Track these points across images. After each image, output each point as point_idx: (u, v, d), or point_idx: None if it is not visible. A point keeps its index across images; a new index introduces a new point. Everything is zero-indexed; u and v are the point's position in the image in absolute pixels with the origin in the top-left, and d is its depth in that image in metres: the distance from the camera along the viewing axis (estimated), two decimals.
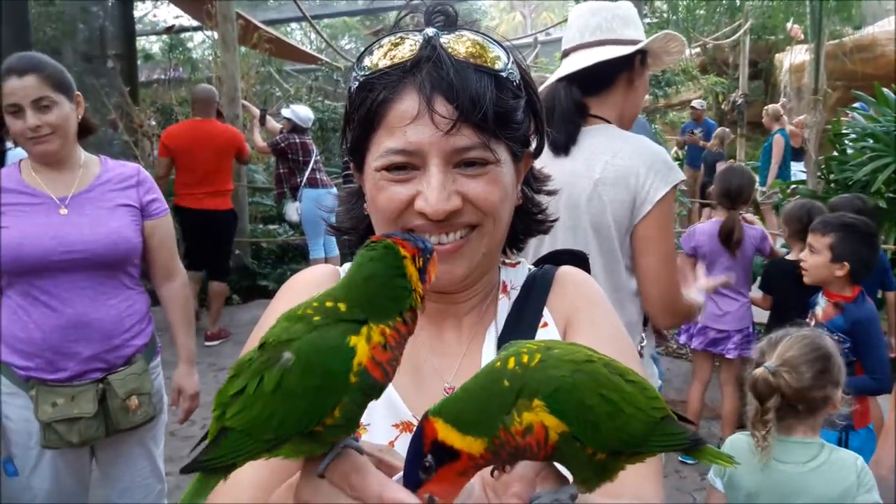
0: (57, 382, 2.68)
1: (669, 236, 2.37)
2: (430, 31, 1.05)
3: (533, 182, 1.25)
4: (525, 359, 0.75)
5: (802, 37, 15.34)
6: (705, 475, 2.73)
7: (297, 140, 8.54)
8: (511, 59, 1.08)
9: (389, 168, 1.06)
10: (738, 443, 2.66)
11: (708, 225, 5.23)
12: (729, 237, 4.96)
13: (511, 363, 0.75)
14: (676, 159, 16.26)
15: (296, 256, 9.92)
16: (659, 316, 2.42)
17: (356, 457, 0.74)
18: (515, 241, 1.26)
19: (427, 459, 0.73)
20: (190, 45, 20.50)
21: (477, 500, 0.78)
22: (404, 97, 1.03)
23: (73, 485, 2.84)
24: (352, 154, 1.15)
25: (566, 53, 2.55)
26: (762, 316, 5.21)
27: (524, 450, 0.73)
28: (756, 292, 5.29)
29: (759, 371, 2.58)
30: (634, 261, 2.39)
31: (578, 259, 1.39)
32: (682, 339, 5.38)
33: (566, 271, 1.27)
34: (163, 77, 16.39)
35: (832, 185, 7.64)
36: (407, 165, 1.05)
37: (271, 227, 10.64)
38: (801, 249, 4.75)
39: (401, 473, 0.76)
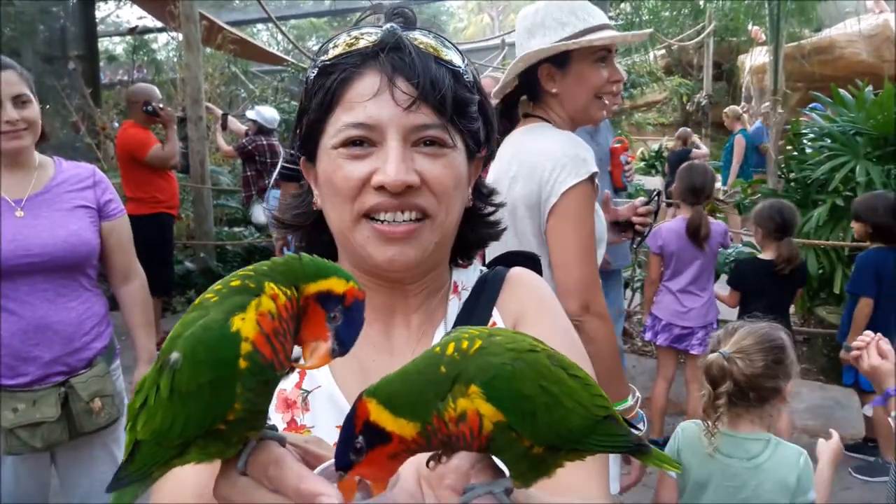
0: (18, 388, 2.63)
1: (580, 228, 2.40)
2: (392, 24, 1.08)
3: (483, 189, 1.26)
4: (465, 345, 0.73)
5: (764, 38, 15.63)
6: None
7: (265, 142, 8.49)
8: (465, 61, 1.11)
9: (346, 143, 1.06)
10: (689, 430, 2.73)
11: (673, 223, 5.30)
12: (696, 232, 5.04)
13: (450, 349, 0.73)
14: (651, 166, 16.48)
15: (262, 259, 9.81)
16: (573, 309, 2.38)
17: (274, 448, 0.73)
18: (466, 249, 1.26)
19: (358, 441, 0.71)
20: (154, 46, 20.24)
21: (408, 492, 0.76)
22: (365, 77, 1.05)
23: (34, 490, 2.80)
24: (304, 144, 1.15)
25: None
26: (729, 314, 5.31)
27: (457, 438, 0.72)
28: (722, 288, 5.40)
29: (713, 356, 2.64)
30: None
31: (530, 260, 1.40)
32: (648, 336, 5.45)
33: (517, 272, 1.28)
34: (126, 78, 16.16)
35: (792, 183, 7.80)
36: (364, 141, 1.06)
37: (237, 229, 10.54)
38: (775, 249, 4.94)
39: (326, 464, 0.75)
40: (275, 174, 8.41)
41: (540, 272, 1.37)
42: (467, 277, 1.27)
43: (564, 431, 0.73)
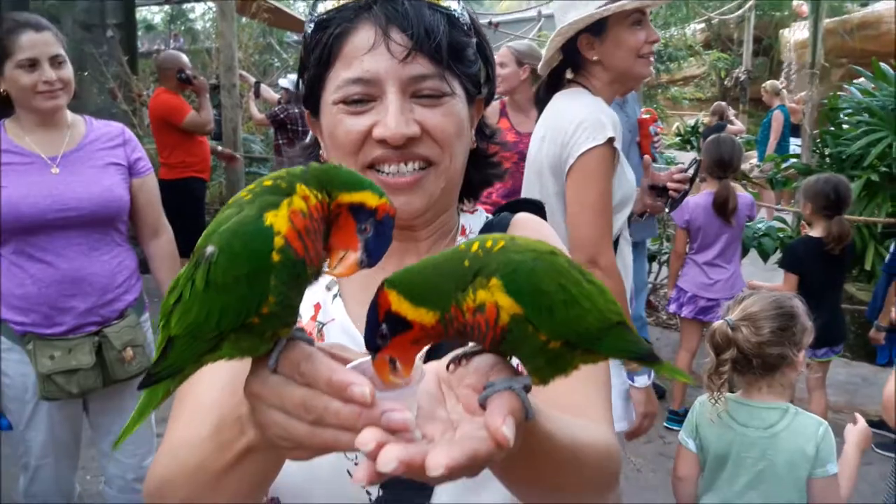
0: (54, 336, 2.75)
1: (593, 187, 2.55)
2: None
3: (485, 129, 1.29)
4: (489, 244, 0.77)
5: (807, 13, 15.22)
6: None
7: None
8: (461, 6, 1.13)
9: (347, 101, 1.08)
10: (706, 404, 2.69)
11: (700, 197, 5.23)
12: (724, 206, 4.98)
13: (475, 247, 0.77)
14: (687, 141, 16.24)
15: None
16: (578, 259, 2.45)
17: (304, 346, 0.74)
18: (472, 189, 1.30)
19: (382, 328, 0.74)
20: (191, 16, 20.37)
21: (428, 393, 0.78)
22: (360, 30, 1.07)
23: (68, 437, 2.93)
24: (307, 98, 1.18)
25: None
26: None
27: (472, 328, 0.74)
28: (769, 270, 5.23)
29: (718, 324, 2.63)
30: (566, 208, 2.63)
31: (535, 207, 1.43)
32: (672, 308, 5.44)
33: (522, 217, 1.32)
34: (163, 48, 16.32)
35: (826, 159, 7.66)
36: (364, 97, 1.08)
37: None
38: (827, 226, 4.65)
39: (356, 362, 0.78)
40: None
41: (545, 218, 1.40)
42: (474, 221, 1.30)
43: (581, 329, 0.77)
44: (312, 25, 1.12)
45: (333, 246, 0.79)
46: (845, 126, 7.63)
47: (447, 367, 0.80)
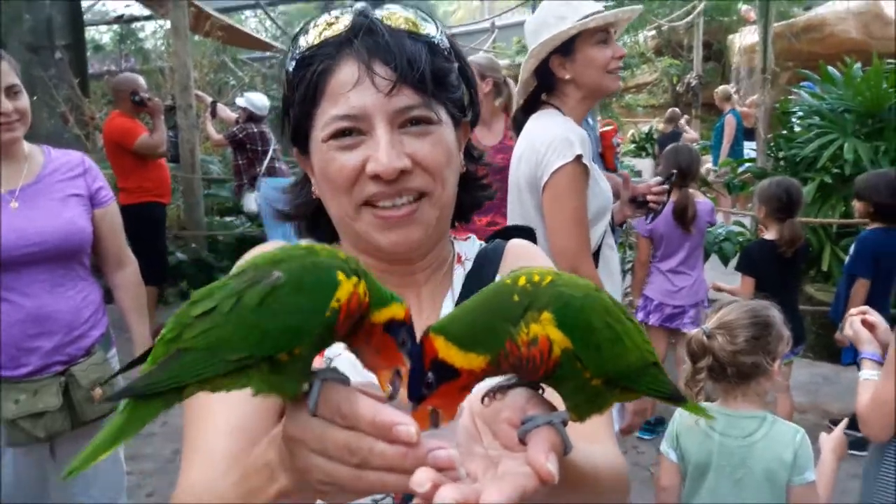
0: (19, 378, 2.66)
1: (567, 202, 2.73)
2: (361, 4, 1.09)
3: (473, 152, 1.29)
4: (536, 278, 0.77)
5: (754, 18, 15.60)
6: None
7: (255, 130, 8.45)
8: (439, 30, 1.13)
9: (336, 135, 1.08)
10: (685, 414, 2.70)
11: None
12: (683, 215, 5.06)
13: (522, 281, 0.77)
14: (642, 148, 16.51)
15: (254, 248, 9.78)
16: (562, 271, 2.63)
17: (342, 387, 0.73)
18: (463, 213, 1.30)
19: (428, 377, 0.74)
20: (141, 34, 20.06)
21: (463, 428, 0.78)
22: (343, 66, 1.07)
23: (35, 480, 2.82)
24: (295, 137, 1.17)
25: None
26: (718, 294, 5.32)
27: (528, 361, 0.75)
28: (716, 273, 5.37)
29: (694, 332, 2.68)
30: (544, 223, 2.78)
31: (526, 233, 1.44)
32: (640, 316, 5.49)
33: (515, 243, 1.34)
34: (114, 68, 16.04)
35: (780, 162, 7.84)
36: (353, 131, 1.08)
37: (228, 219, 10.48)
38: (780, 229, 4.76)
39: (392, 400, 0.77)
40: (265, 162, 8.40)
41: (535, 243, 1.42)
42: (469, 248, 1.32)
43: (623, 367, 0.78)
44: (294, 63, 1.11)
45: (379, 366, 0.79)
46: (797, 129, 7.82)
47: (482, 400, 0.80)
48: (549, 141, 2.73)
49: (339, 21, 1.08)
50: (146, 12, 13.88)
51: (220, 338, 0.70)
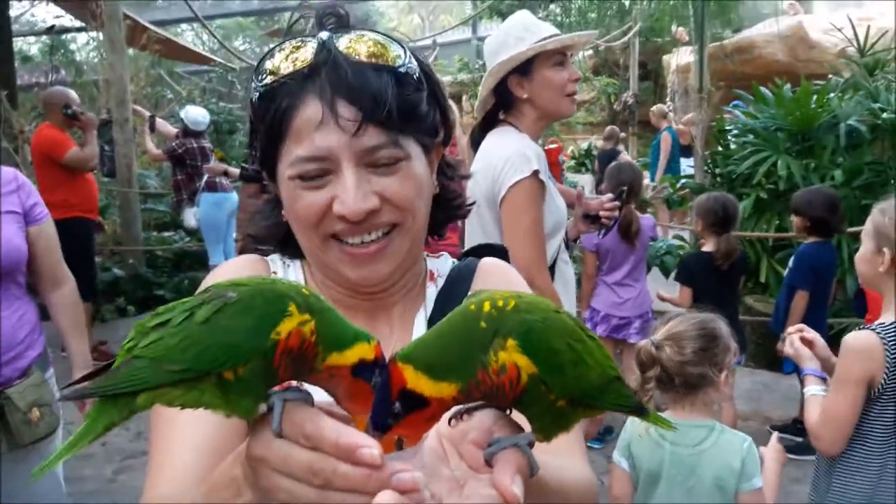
0: None
1: (524, 216, 2.78)
2: (324, 34, 1.04)
3: (447, 169, 1.27)
4: (500, 303, 0.77)
5: (687, 39, 16.14)
6: (611, 458, 2.82)
7: (195, 145, 8.29)
8: (408, 53, 1.08)
9: (303, 177, 1.05)
10: (636, 423, 2.72)
11: None
12: (628, 230, 5.14)
13: (486, 306, 0.77)
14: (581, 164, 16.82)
15: (193, 264, 9.56)
16: None
17: (307, 408, 0.72)
18: (436, 227, 1.28)
19: (395, 407, 0.74)
20: (73, 46, 19.49)
21: (430, 450, 0.78)
22: (307, 104, 1.03)
23: None
24: (263, 164, 1.14)
25: None
26: (665, 305, 5.44)
27: (498, 389, 0.75)
28: (661, 285, 5.49)
29: (643, 342, 2.71)
30: (502, 236, 2.82)
31: (498, 252, 1.43)
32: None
33: (487, 262, 1.32)
34: (43, 80, 15.51)
35: (718, 178, 8.08)
36: (320, 173, 1.05)
37: (166, 234, 10.24)
38: (716, 242, 4.97)
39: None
40: (205, 177, 8.23)
41: (508, 261, 1.41)
42: (441, 266, 1.30)
43: (586, 386, 0.78)
44: (258, 94, 1.07)
45: (355, 411, 0.78)
46: (733, 146, 8.08)
47: (448, 421, 0.80)
48: (506, 156, 2.79)
49: (303, 50, 1.03)
50: (78, 23, 13.49)
51: (164, 347, 0.71)
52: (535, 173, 2.76)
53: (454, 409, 0.80)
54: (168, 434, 1.01)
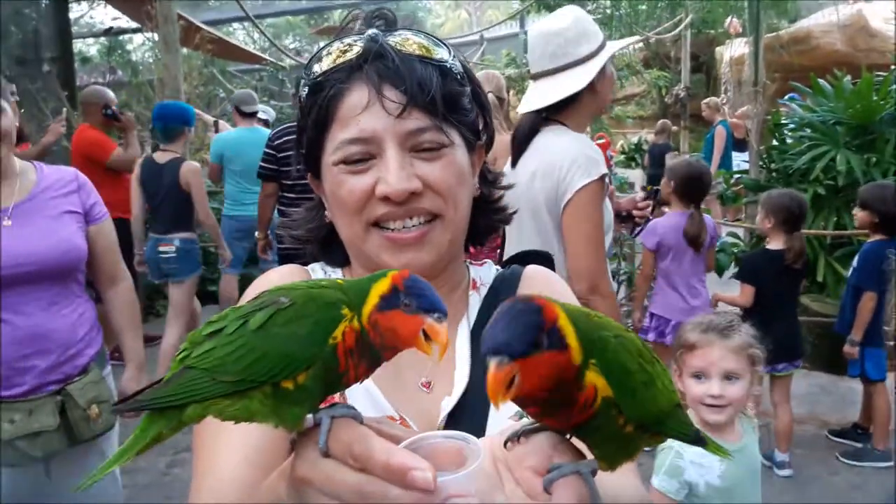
0: (14, 398, 2.58)
1: (590, 221, 2.70)
2: (373, 31, 1.09)
3: (488, 175, 1.27)
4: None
5: (741, 30, 15.77)
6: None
7: None
8: (452, 54, 1.12)
9: (347, 161, 1.08)
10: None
11: (667, 219, 5.10)
12: (696, 238, 4.89)
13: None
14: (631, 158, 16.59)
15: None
16: (582, 290, 2.63)
17: (356, 426, 0.69)
18: (478, 236, 1.28)
19: (542, 337, 0.67)
20: (129, 47, 19.99)
21: (485, 473, 0.73)
22: (353, 90, 1.07)
23: (31, 500, 2.75)
24: (307, 161, 1.17)
25: (533, 77, 2.97)
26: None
27: (574, 401, 0.70)
28: (724, 285, 5.23)
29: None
30: (564, 240, 2.75)
31: (543, 259, 1.43)
32: (651, 337, 5.15)
33: (533, 269, 1.31)
34: (101, 81, 15.94)
35: (773, 173, 7.87)
36: (364, 156, 1.07)
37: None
38: (788, 240, 4.78)
39: (406, 441, 0.71)
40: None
41: (553, 269, 1.39)
42: (485, 274, 1.29)
43: (654, 411, 0.74)
44: (307, 89, 1.11)
45: (405, 340, 0.74)
46: (790, 141, 7.85)
47: (504, 444, 0.76)
48: (572, 157, 2.70)
49: (352, 48, 1.08)
50: (134, 24, 13.82)
51: (218, 357, 0.69)
52: (603, 177, 2.70)
53: (510, 430, 0.76)
54: (213, 439, 1.01)
